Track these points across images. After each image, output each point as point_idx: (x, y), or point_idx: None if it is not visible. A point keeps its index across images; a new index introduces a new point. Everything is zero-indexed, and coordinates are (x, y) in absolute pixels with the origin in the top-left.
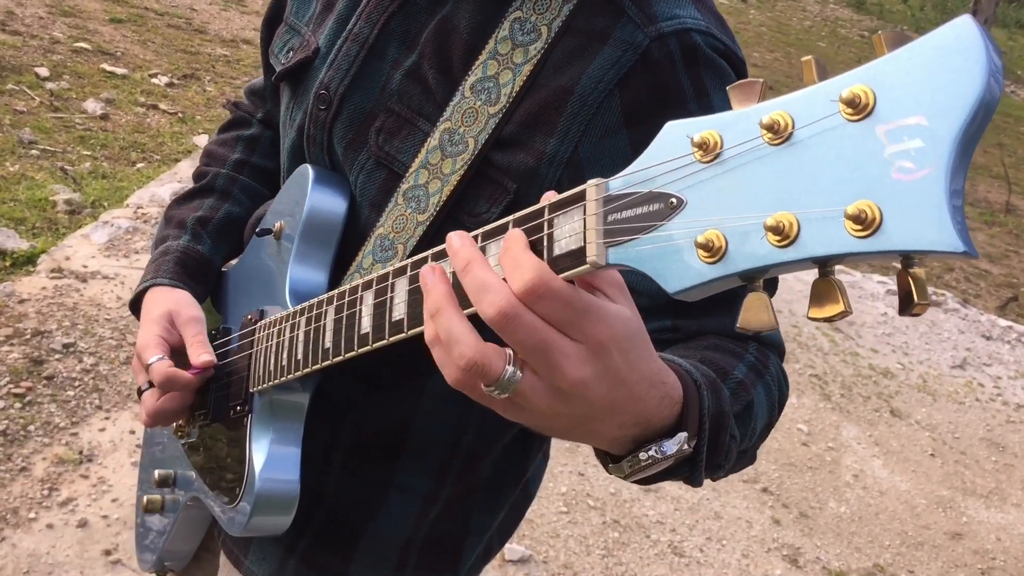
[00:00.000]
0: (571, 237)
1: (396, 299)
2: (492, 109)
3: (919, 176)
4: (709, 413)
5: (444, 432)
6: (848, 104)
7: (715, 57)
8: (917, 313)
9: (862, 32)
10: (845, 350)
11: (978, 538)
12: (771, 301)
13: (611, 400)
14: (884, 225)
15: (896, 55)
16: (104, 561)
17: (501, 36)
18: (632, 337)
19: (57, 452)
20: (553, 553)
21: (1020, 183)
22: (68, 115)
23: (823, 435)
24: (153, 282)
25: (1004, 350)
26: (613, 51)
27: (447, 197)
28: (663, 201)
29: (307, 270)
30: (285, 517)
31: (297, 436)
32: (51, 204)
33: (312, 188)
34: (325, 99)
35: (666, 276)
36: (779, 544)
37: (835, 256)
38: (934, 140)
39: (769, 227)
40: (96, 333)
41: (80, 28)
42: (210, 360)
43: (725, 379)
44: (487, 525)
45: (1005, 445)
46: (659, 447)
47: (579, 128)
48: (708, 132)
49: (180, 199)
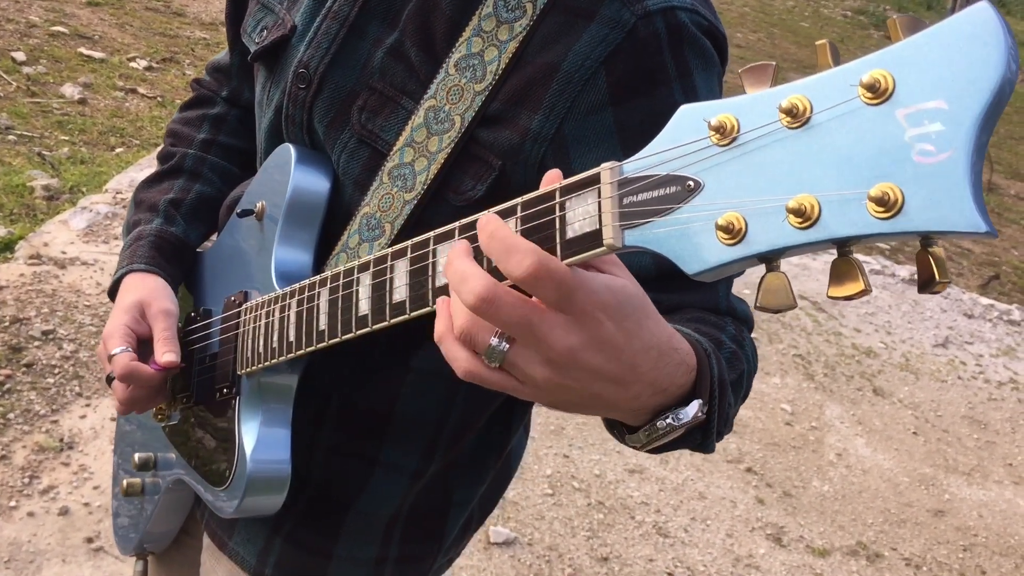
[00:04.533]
0: (585, 220)
1: (396, 281)
2: (478, 86)
3: (941, 159)
4: (718, 380)
5: (430, 410)
6: (868, 88)
7: (699, 36)
8: (938, 291)
9: (845, 12)
10: (828, 330)
11: (960, 515)
12: (790, 281)
13: (612, 370)
14: (906, 207)
15: (914, 40)
16: (86, 549)
17: (485, 13)
18: (625, 305)
19: (37, 440)
20: (538, 535)
21: (1002, 162)
22: (45, 100)
23: (807, 415)
24: (129, 268)
25: (986, 328)
26: (600, 28)
27: (435, 175)
28: (680, 184)
29: (292, 251)
30: (277, 497)
31: (286, 417)
32: (29, 190)
33: (295, 168)
34: (305, 78)
35: (685, 258)
36: (763, 523)
37: (857, 237)
38: (955, 124)
39: (791, 209)
40: (76, 320)
41: (57, 12)
42: (173, 360)
43: (720, 348)
44: (470, 498)
45: (987, 422)
46: (675, 415)
47: (564, 105)
48: (725, 116)
49: (148, 181)
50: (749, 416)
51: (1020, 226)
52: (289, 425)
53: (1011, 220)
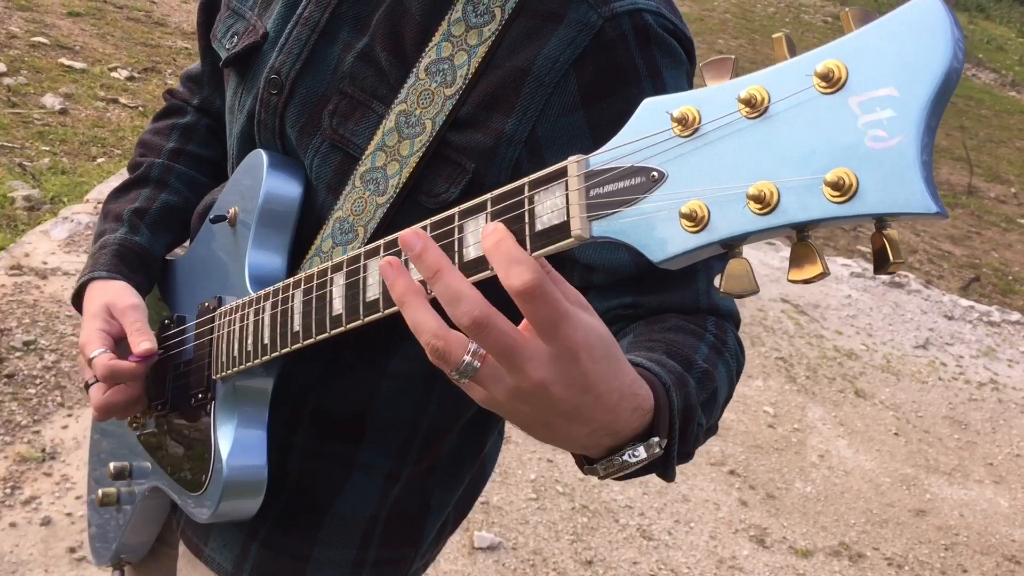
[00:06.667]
0: (553, 212)
1: (370, 279)
2: (448, 91)
3: (892, 144)
4: (679, 412)
5: (405, 412)
6: (822, 78)
7: (666, 36)
8: (892, 271)
9: (826, 18)
10: (810, 332)
11: (941, 514)
12: (751, 267)
13: (576, 405)
14: (860, 190)
15: (865, 31)
16: (69, 559)
17: (454, 18)
18: (604, 348)
19: (19, 450)
20: (522, 539)
21: (982, 165)
22: (26, 110)
23: (789, 417)
24: (91, 276)
25: (966, 330)
26: (568, 31)
27: (407, 179)
28: (644, 175)
29: (265, 255)
30: (253, 501)
31: (262, 420)
32: (9, 201)
33: (267, 173)
34: (276, 83)
35: (650, 246)
36: (746, 525)
37: (815, 221)
38: (905, 109)
39: (751, 196)
40: (57, 330)
41: (37, 22)
42: (150, 348)
43: (690, 369)
44: (447, 501)
45: (967, 423)
46: (632, 451)
47: (536, 108)
48: (686, 108)
49: (116, 192)
50: (732, 419)
51: (1000, 229)
52: (265, 429)
53: (991, 223)
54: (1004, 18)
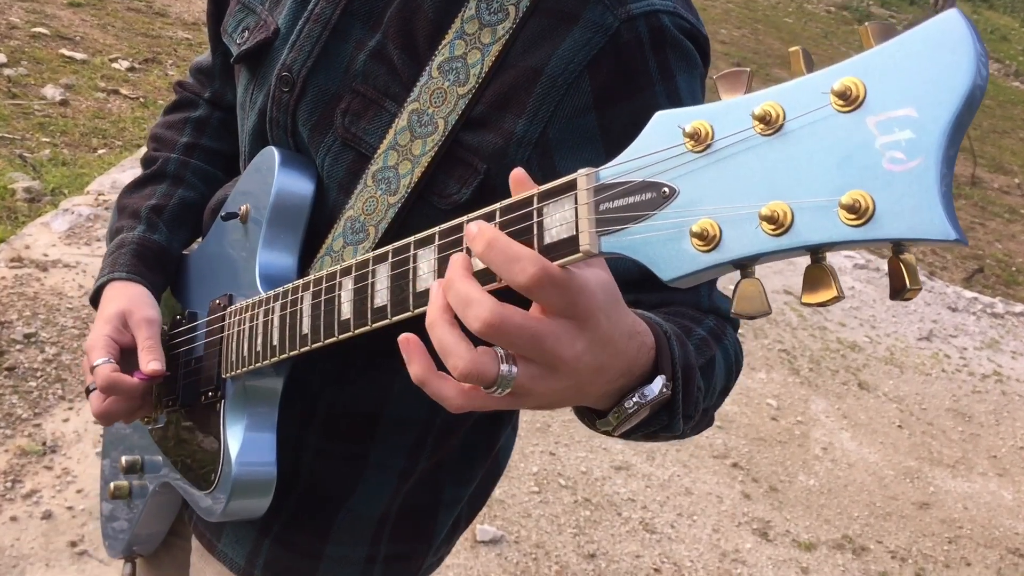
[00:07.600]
0: (562, 226)
1: (378, 285)
2: (461, 90)
3: (910, 166)
4: (680, 359)
5: (419, 412)
6: (839, 96)
7: (681, 38)
8: (909, 298)
9: (828, 7)
10: (813, 324)
11: (945, 507)
12: (764, 287)
13: (600, 362)
14: (877, 214)
15: (885, 48)
16: (70, 552)
17: (467, 16)
18: (612, 297)
19: (20, 444)
20: (525, 533)
21: (985, 156)
22: (27, 101)
23: (792, 409)
24: (110, 276)
25: (970, 321)
26: (583, 32)
27: (418, 179)
28: (655, 190)
29: (276, 254)
30: (263, 501)
31: (272, 420)
32: (10, 192)
33: (279, 170)
34: (288, 81)
35: (660, 264)
36: (749, 518)
37: (830, 244)
38: (924, 131)
39: (764, 216)
40: (58, 323)
41: (38, 13)
42: (159, 369)
43: (689, 335)
44: (459, 497)
45: (971, 415)
46: (641, 393)
47: (549, 109)
48: (699, 123)
49: (131, 187)
50: (735, 411)
51: (1004, 220)
52: (275, 428)
53: (995, 214)
54: (1008, 8)
